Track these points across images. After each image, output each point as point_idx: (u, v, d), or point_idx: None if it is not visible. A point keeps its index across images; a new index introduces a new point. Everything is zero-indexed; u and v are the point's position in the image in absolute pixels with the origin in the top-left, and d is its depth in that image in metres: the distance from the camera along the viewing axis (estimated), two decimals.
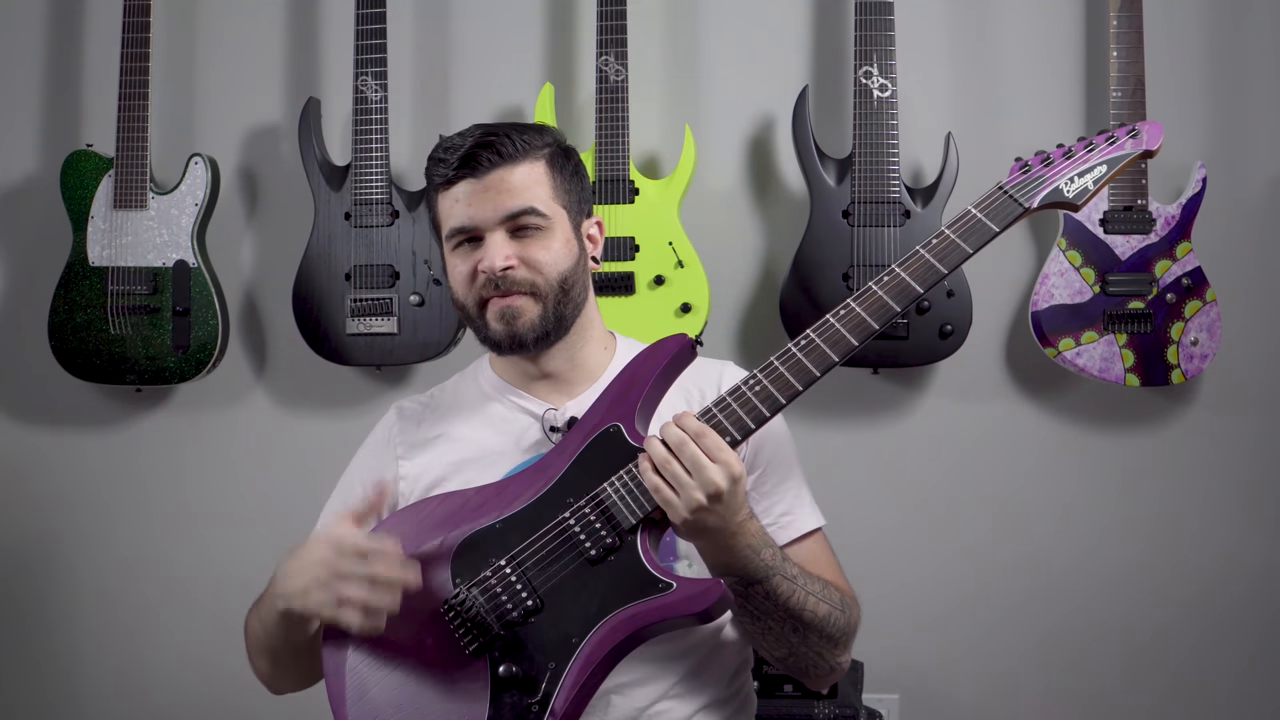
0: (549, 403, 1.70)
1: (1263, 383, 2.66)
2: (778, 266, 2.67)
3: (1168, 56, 2.59)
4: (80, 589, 2.85)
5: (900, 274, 1.52)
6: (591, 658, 1.46)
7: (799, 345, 1.51)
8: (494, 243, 1.63)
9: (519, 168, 1.64)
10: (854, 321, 1.51)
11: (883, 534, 2.68)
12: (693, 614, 1.45)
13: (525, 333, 1.64)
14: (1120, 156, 1.57)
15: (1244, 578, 2.67)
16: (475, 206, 1.63)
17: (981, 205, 1.54)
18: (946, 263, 1.52)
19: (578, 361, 1.71)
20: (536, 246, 1.64)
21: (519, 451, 1.67)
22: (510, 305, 1.63)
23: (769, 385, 1.51)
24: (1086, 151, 1.58)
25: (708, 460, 1.44)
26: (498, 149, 1.63)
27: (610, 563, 1.49)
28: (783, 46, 2.70)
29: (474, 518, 1.57)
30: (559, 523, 1.52)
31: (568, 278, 1.65)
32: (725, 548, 1.50)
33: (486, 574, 1.53)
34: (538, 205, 1.64)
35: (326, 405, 2.78)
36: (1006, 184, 1.56)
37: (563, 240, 1.66)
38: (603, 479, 1.52)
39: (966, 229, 1.53)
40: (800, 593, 1.54)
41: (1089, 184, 1.55)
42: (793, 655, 1.59)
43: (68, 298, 2.65)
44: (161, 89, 2.73)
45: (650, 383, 1.56)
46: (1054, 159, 1.58)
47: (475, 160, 1.62)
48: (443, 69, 2.77)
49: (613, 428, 1.54)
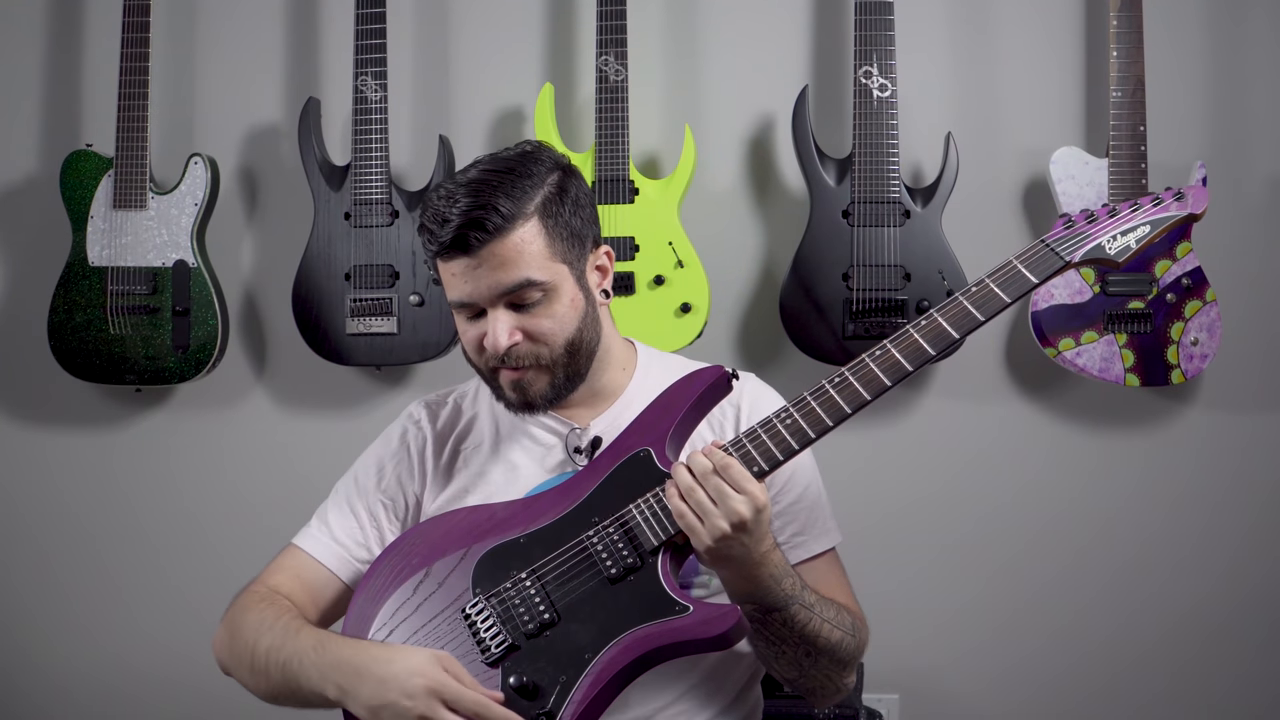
0: (574, 420, 1.70)
1: (1263, 383, 2.66)
2: (778, 266, 2.67)
3: (1168, 56, 2.59)
4: (80, 589, 2.85)
5: (938, 319, 1.53)
6: (603, 675, 1.47)
7: (833, 382, 1.53)
8: (496, 320, 1.59)
9: (510, 237, 1.56)
10: (889, 362, 1.52)
11: (882, 534, 2.68)
12: (707, 639, 1.45)
13: (537, 401, 1.64)
14: (1165, 218, 1.58)
15: (1245, 578, 2.67)
16: (472, 284, 1.58)
17: (1023, 257, 1.55)
18: (984, 310, 1.52)
19: (596, 388, 1.70)
20: (540, 316, 1.60)
21: (543, 471, 1.68)
22: (521, 379, 1.62)
23: (799, 419, 1.52)
24: (1131, 211, 1.59)
25: (733, 491, 1.45)
26: (485, 224, 1.55)
27: (630, 582, 1.50)
28: (783, 46, 2.70)
29: (500, 531, 1.59)
30: (582, 540, 1.54)
31: (574, 340, 1.62)
32: (748, 577, 1.50)
33: (506, 585, 1.55)
34: (534, 276, 1.57)
35: (326, 405, 2.78)
36: (1049, 238, 1.57)
37: (567, 301, 1.61)
38: (629, 500, 1.53)
39: (1006, 279, 1.54)
40: (816, 620, 1.55)
41: (1131, 243, 1.57)
42: (803, 677, 1.61)
43: (68, 298, 2.65)
44: (161, 89, 2.73)
45: (684, 411, 1.57)
46: (1099, 216, 1.59)
47: (465, 241, 1.56)
48: (443, 69, 2.77)
49: (643, 452, 1.56)
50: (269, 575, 1.71)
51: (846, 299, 2.49)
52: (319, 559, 1.71)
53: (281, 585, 1.69)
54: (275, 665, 1.57)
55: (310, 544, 1.72)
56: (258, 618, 1.62)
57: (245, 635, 1.62)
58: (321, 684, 1.53)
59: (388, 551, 1.67)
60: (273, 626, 1.60)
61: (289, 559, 1.72)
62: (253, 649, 1.60)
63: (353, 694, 1.50)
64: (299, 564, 1.71)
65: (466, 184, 1.59)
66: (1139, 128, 2.48)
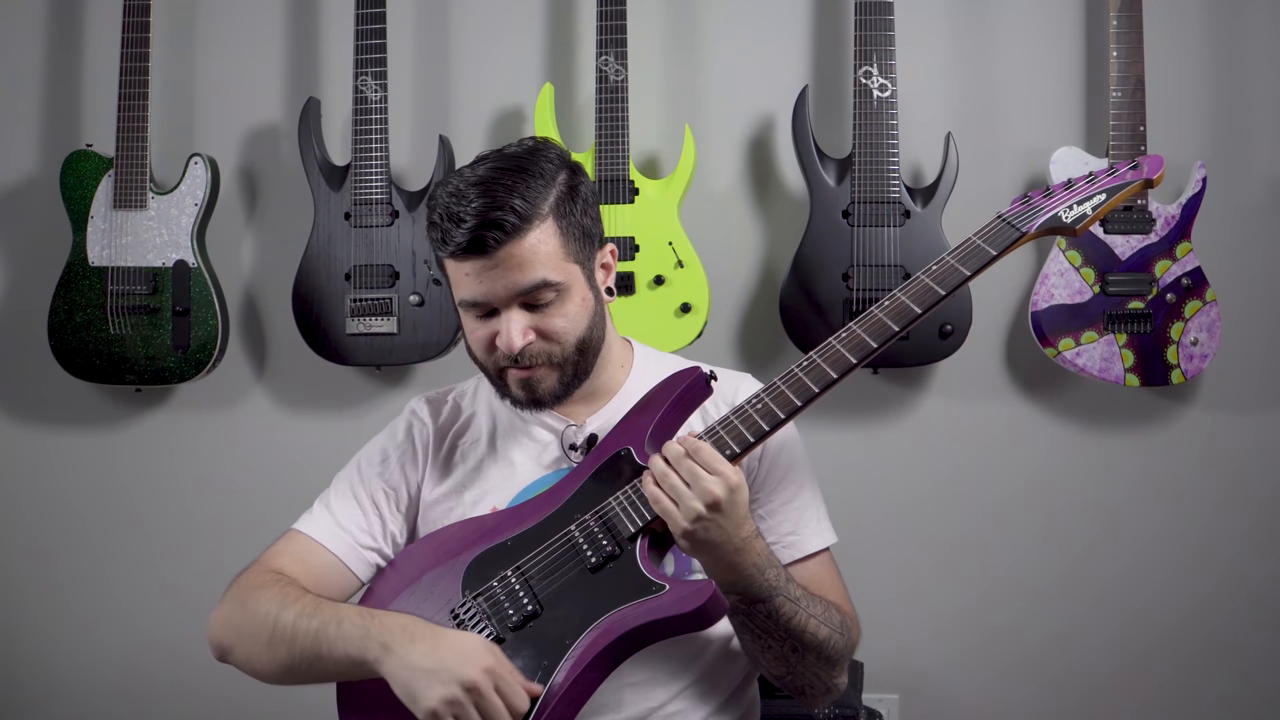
0: (570, 417, 1.71)
1: (1263, 383, 2.66)
2: (778, 266, 2.67)
3: (1168, 56, 2.59)
4: (80, 588, 2.85)
5: (900, 297, 1.56)
6: (583, 658, 1.48)
7: (801, 365, 1.56)
8: (509, 320, 1.58)
9: (527, 239, 1.55)
10: (854, 341, 1.55)
11: (882, 534, 2.68)
12: (683, 614, 1.46)
13: (546, 398, 1.64)
14: (1120, 185, 1.62)
15: (1245, 578, 2.67)
16: (486, 284, 1.57)
17: (981, 233, 1.59)
18: (945, 285, 1.55)
19: (595, 386, 1.71)
20: (553, 315, 1.60)
21: (539, 467, 1.69)
22: (531, 377, 1.62)
23: (769, 402, 1.54)
24: (1087, 184, 1.63)
25: (704, 472, 1.47)
26: (502, 225, 1.53)
27: (609, 570, 1.53)
28: (783, 46, 2.70)
29: (489, 538, 1.61)
30: (564, 534, 1.57)
31: (585, 338, 1.63)
32: (729, 565, 1.51)
33: (493, 584, 1.57)
34: (549, 276, 1.57)
35: (326, 405, 2.78)
36: (1006, 213, 1.61)
37: (579, 300, 1.61)
38: (609, 494, 1.57)
39: (965, 254, 1.58)
40: (802, 614, 1.56)
41: (1088, 210, 1.60)
42: (790, 674, 1.61)
43: (68, 298, 2.65)
44: (161, 89, 2.73)
45: (662, 411, 1.60)
46: (1054, 191, 1.64)
47: (481, 243, 1.54)
48: (443, 69, 2.77)
49: (624, 450, 1.59)
50: (271, 559, 1.68)
51: (846, 299, 2.50)
52: (324, 543, 1.69)
53: (286, 569, 1.66)
54: (304, 633, 1.55)
55: (314, 529, 1.70)
56: (278, 593, 1.60)
57: (263, 608, 1.59)
58: (362, 644, 1.50)
59: (384, 570, 1.69)
60: (299, 599, 1.59)
61: (291, 544, 1.70)
62: (275, 619, 1.57)
63: (399, 654, 1.48)
64: (302, 548, 1.69)
65: (478, 182, 1.57)
66: (1139, 128, 2.48)
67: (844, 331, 1.56)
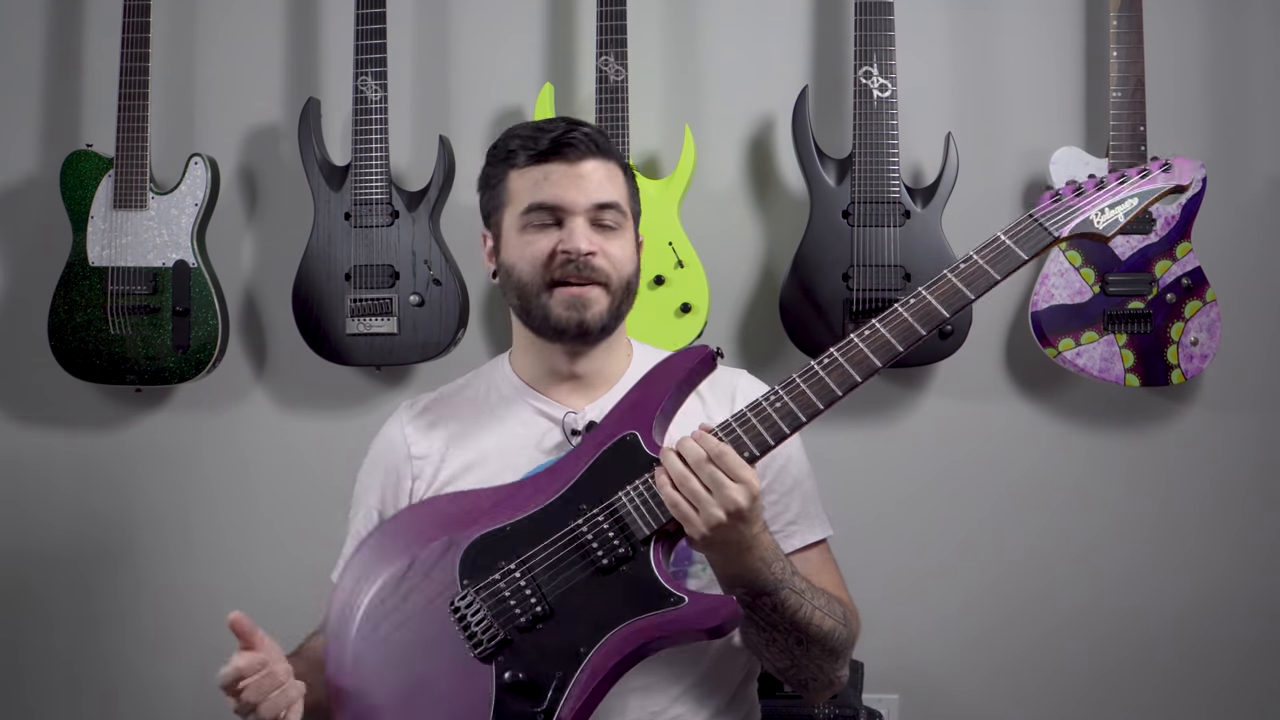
0: (568, 405, 1.70)
1: (1263, 383, 2.66)
2: (778, 266, 2.67)
3: (1168, 56, 2.59)
4: (79, 588, 2.85)
5: (927, 297, 1.50)
6: (599, 669, 1.45)
7: (822, 363, 1.49)
8: (578, 226, 1.64)
9: (608, 164, 1.68)
10: (879, 342, 1.49)
11: (882, 534, 2.68)
12: (702, 630, 1.44)
13: (593, 323, 1.66)
14: (1152, 190, 1.56)
15: (1244, 578, 2.67)
16: (564, 189, 1.64)
17: (1011, 232, 1.52)
18: (974, 288, 1.49)
19: (604, 366, 1.71)
20: (615, 241, 1.68)
21: (539, 453, 1.68)
22: (583, 295, 1.65)
23: (790, 402, 1.49)
24: (1119, 184, 1.57)
25: (728, 480, 1.43)
26: (595, 141, 1.67)
27: (621, 573, 1.48)
28: (783, 46, 2.70)
29: (485, 519, 1.56)
30: (571, 529, 1.52)
31: (630, 280, 1.70)
32: (739, 560, 1.50)
33: (495, 577, 1.52)
34: (621, 202, 1.68)
35: (326, 405, 2.78)
36: (1037, 212, 1.54)
37: (632, 243, 1.72)
38: (618, 487, 1.51)
39: (995, 255, 1.51)
40: (807, 606, 1.55)
41: (1119, 216, 1.54)
42: (794, 667, 1.60)
43: (68, 298, 2.65)
44: (161, 89, 2.73)
45: (669, 392, 1.56)
46: (1086, 189, 1.57)
47: (572, 145, 1.64)
48: (443, 69, 2.77)
49: (629, 435, 1.54)
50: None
51: (846, 299, 2.49)
52: None
53: None
54: None
55: None
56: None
57: None
58: None
59: (365, 542, 1.65)
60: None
61: None
62: None
63: None
64: None
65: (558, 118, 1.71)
66: (1139, 128, 2.48)
67: (867, 329, 1.50)
